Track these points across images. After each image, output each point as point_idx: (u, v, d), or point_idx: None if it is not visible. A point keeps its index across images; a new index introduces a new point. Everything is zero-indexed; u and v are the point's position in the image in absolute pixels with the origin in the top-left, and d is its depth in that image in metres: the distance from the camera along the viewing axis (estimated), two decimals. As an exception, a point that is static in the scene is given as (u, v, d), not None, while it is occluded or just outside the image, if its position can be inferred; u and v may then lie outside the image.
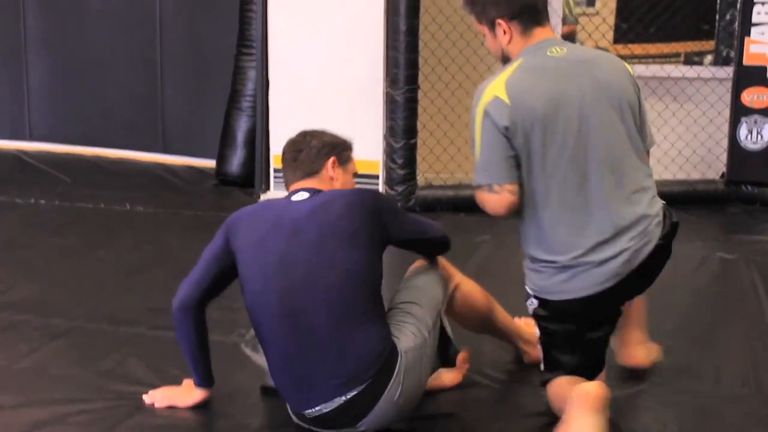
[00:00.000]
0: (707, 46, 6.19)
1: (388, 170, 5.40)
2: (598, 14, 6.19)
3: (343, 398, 2.61)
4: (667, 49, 6.26)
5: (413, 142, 5.35)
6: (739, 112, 5.60)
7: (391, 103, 5.30)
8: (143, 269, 4.31)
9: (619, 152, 2.71)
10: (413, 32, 5.23)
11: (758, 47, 5.51)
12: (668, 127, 5.91)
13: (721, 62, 6.04)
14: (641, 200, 2.73)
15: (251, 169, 5.78)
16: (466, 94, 5.72)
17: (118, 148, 6.52)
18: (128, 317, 3.65)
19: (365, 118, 5.40)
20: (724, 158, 5.78)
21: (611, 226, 2.66)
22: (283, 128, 3.28)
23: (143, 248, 4.65)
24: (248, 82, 5.82)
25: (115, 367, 3.18)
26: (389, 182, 5.39)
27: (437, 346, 2.90)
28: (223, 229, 2.82)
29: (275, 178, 5.62)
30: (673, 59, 6.22)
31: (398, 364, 2.63)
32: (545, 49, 2.75)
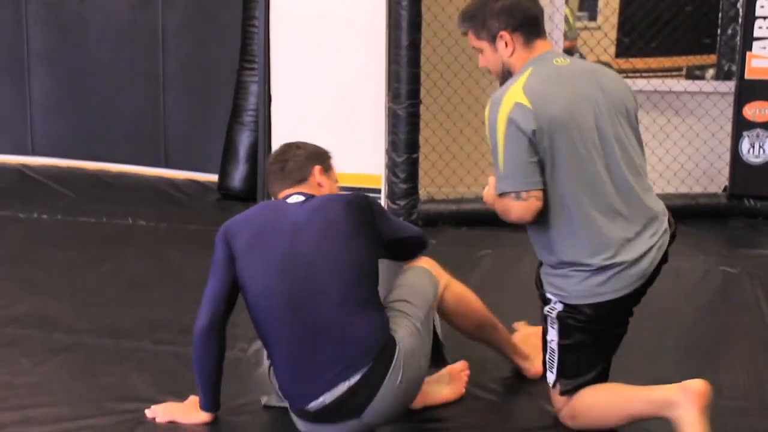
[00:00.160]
0: (709, 60, 6.21)
1: (390, 184, 5.40)
2: (600, 28, 6.21)
3: (346, 384, 2.65)
4: (668, 63, 6.27)
5: (415, 156, 5.36)
6: (741, 126, 5.60)
7: (393, 117, 5.30)
8: (145, 283, 4.30)
9: (632, 154, 2.77)
10: (415, 47, 5.24)
11: (760, 62, 5.52)
12: (670, 141, 5.91)
13: (722, 76, 6.05)
14: (652, 199, 2.80)
15: (253, 183, 5.79)
16: (467, 108, 5.74)
17: (120, 162, 6.52)
18: (130, 332, 3.64)
19: (367, 132, 5.41)
20: (726, 172, 5.78)
21: (636, 224, 2.72)
22: (285, 143, 3.29)
23: (145, 262, 4.65)
24: (250, 96, 5.83)
25: (117, 382, 3.17)
26: (391, 196, 5.39)
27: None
28: (220, 237, 2.83)
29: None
30: (674, 73, 6.23)
31: (397, 350, 2.70)
32: (550, 59, 2.79)
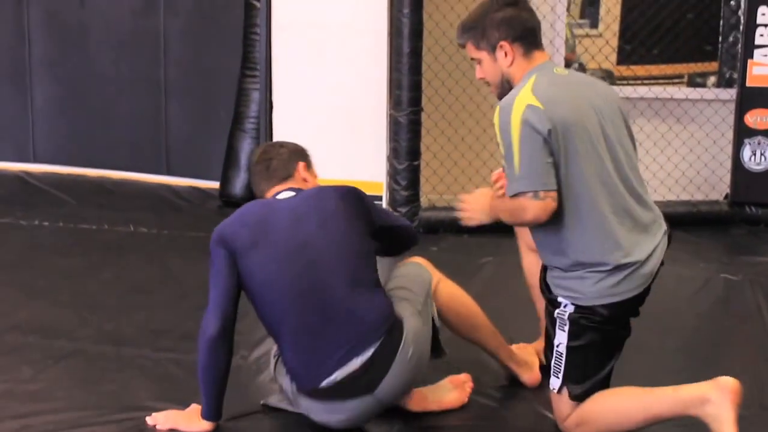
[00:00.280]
0: (710, 67, 6.21)
1: (391, 191, 5.40)
2: (601, 36, 6.21)
3: (359, 360, 2.72)
4: (670, 70, 6.27)
5: (416, 163, 5.36)
6: (742, 133, 5.60)
7: (394, 124, 5.30)
8: (147, 291, 4.30)
9: (633, 158, 2.85)
10: (416, 54, 5.24)
11: (761, 69, 5.52)
12: (672, 148, 5.91)
13: (724, 84, 6.06)
14: (651, 201, 2.87)
15: (255, 190, 5.78)
16: (469, 115, 5.74)
17: (122, 169, 6.52)
18: (131, 339, 3.64)
19: (369, 139, 5.41)
20: (727, 179, 5.78)
21: (643, 224, 2.77)
22: (264, 143, 3.29)
23: (147, 269, 4.65)
24: (252, 104, 5.84)
25: (118, 389, 3.17)
26: (393, 203, 5.39)
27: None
28: (217, 242, 2.84)
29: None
30: (676, 81, 6.23)
31: (404, 327, 2.78)
32: (551, 68, 2.84)
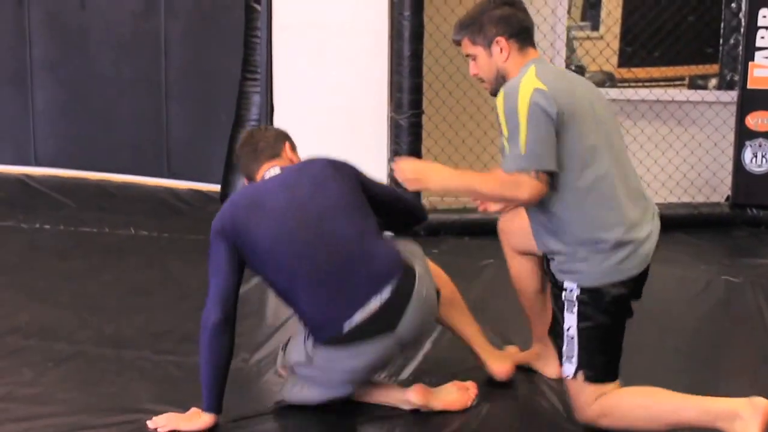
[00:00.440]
0: (711, 69, 6.21)
1: (392, 194, 5.40)
2: (602, 38, 6.21)
3: (377, 301, 2.79)
4: (671, 72, 6.27)
5: (417, 166, 5.35)
6: (743, 135, 5.60)
7: (395, 127, 5.30)
8: (147, 293, 4.30)
9: (625, 148, 2.93)
10: (417, 57, 5.24)
11: (762, 71, 5.52)
12: (673, 150, 5.92)
13: (725, 86, 6.06)
14: (643, 188, 2.93)
15: (256, 193, 5.77)
16: (470, 118, 5.74)
17: (123, 172, 6.51)
18: (132, 341, 3.64)
19: (369, 142, 5.41)
20: (728, 181, 5.77)
21: (641, 207, 2.82)
22: (247, 130, 3.29)
23: (147, 272, 4.65)
24: (252, 107, 5.83)
25: (118, 392, 3.16)
26: (394, 206, 5.38)
27: None
28: (215, 233, 2.88)
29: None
30: (677, 83, 6.23)
31: (416, 269, 2.88)
32: (546, 62, 2.93)
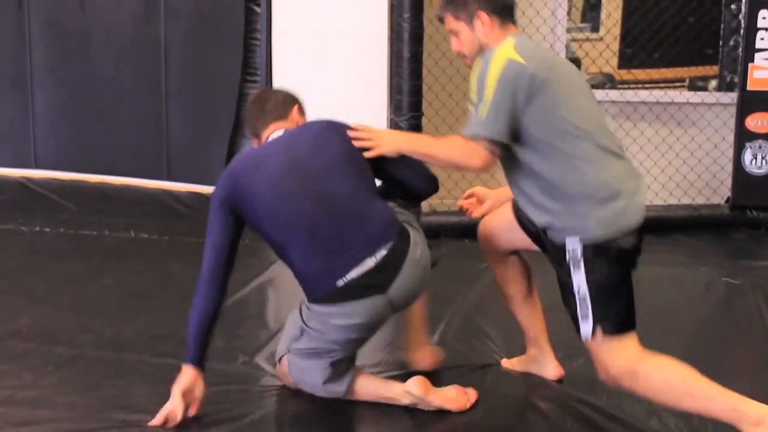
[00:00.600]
0: (711, 71, 6.21)
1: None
2: (602, 40, 6.21)
3: (372, 260, 2.84)
4: (671, 74, 6.27)
5: (417, 168, 5.35)
6: (743, 137, 5.60)
7: (395, 129, 5.30)
8: (147, 296, 4.30)
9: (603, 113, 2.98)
10: (417, 59, 5.25)
11: (762, 73, 5.52)
12: (673, 152, 5.92)
13: (725, 87, 6.06)
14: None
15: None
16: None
17: (122, 175, 6.51)
18: (132, 344, 3.64)
19: (369, 144, 5.40)
20: (728, 183, 5.78)
21: (626, 162, 2.84)
22: (259, 89, 3.29)
23: (147, 275, 4.65)
24: (252, 109, 5.84)
25: (118, 395, 3.16)
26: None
27: None
28: (215, 202, 2.93)
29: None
30: (677, 84, 6.23)
31: (410, 232, 2.93)
32: (525, 37, 2.95)
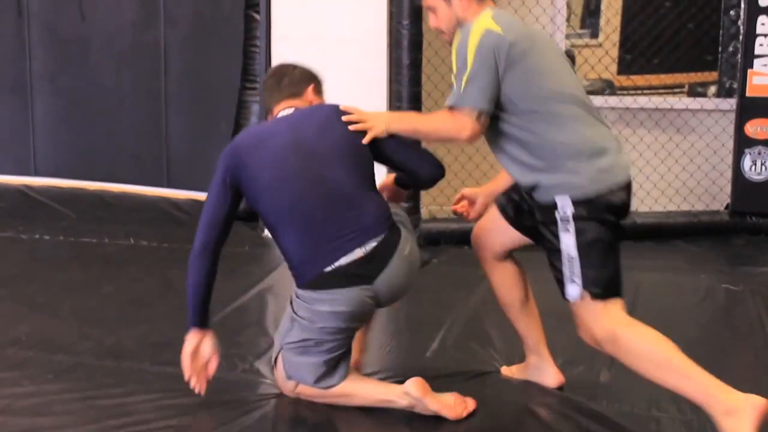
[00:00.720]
0: (710, 77, 6.22)
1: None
2: (601, 46, 6.22)
3: (361, 251, 2.86)
4: (670, 80, 6.28)
5: (417, 175, 5.35)
6: (742, 143, 5.60)
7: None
8: (147, 304, 4.30)
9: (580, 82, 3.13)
10: (416, 66, 5.25)
11: (761, 79, 5.53)
12: (672, 158, 5.92)
13: (724, 94, 6.07)
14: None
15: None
16: (469, 126, 5.74)
17: (122, 182, 6.51)
18: (132, 353, 3.63)
19: (369, 151, 5.41)
20: (728, 189, 5.78)
21: (605, 127, 2.90)
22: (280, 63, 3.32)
23: (147, 283, 4.65)
24: (252, 116, 5.84)
25: (118, 403, 3.15)
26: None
27: None
28: (216, 177, 3.09)
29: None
30: (676, 90, 6.24)
31: (401, 228, 2.97)
32: (502, 10, 3.01)
